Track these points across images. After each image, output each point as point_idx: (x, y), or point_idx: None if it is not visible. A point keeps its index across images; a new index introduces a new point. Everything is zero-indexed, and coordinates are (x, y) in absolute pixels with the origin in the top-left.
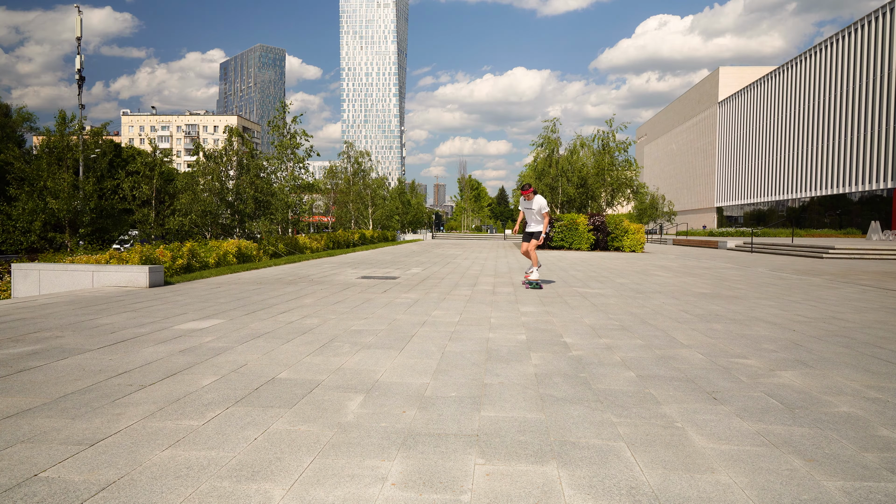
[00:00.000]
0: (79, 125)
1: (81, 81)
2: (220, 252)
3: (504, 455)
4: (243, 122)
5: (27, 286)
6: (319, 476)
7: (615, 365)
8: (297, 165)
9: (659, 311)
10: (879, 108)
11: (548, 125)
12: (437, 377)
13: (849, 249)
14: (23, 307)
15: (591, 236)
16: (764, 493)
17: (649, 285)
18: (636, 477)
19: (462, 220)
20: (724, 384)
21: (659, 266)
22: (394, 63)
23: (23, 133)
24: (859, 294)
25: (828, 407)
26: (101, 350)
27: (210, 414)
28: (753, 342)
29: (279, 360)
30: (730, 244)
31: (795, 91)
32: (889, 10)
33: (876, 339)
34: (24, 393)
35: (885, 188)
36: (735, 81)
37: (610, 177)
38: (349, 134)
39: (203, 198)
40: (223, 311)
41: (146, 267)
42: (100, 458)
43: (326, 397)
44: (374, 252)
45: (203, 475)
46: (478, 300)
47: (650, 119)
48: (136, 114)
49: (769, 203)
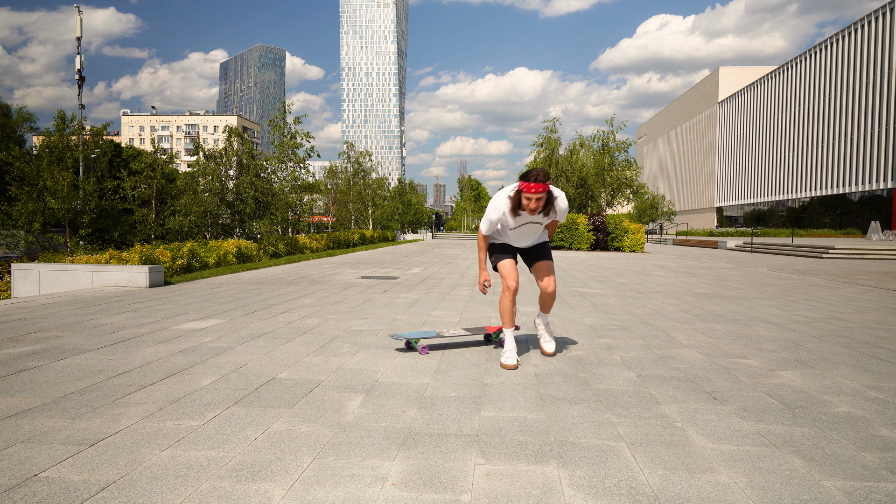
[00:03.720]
0: (78, 125)
1: (81, 81)
2: (220, 252)
3: (504, 455)
4: (243, 122)
5: (27, 286)
6: (319, 476)
7: (615, 365)
8: (298, 166)
9: (659, 311)
10: (879, 108)
11: (548, 125)
12: (437, 377)
13: (849, 249)
14: (23, 307)
15: (590, 236)
16: (764, 493)
17: (649, 285)
18: (636, 477)
19: (462, 220)
20: (724, 384)
21: (659, 266)
22: (394, 63)
23: (23, 133)
24: (859, 294)
25: (828, 407)
26: (101, 350)
27: (210, 414)
28: (753, 342)
29: (279, 360)
30: (730, 244)
31: (795, 91)
32: (889, 10)
33: (876, 339)
34: (24, 393)
35: (885, 188)
36: (735, 81)
37: (610, 177)
38: (349, 134)
39: (203, 198)
40: (223, 311)
41: (146, 267)
42: (100, 458)
43: (326, 397)
44: (374, 252)
45: (203, 475)
46: (478, 300)
47: (650, 119)
48: (136, 114)
49: (769, 203)
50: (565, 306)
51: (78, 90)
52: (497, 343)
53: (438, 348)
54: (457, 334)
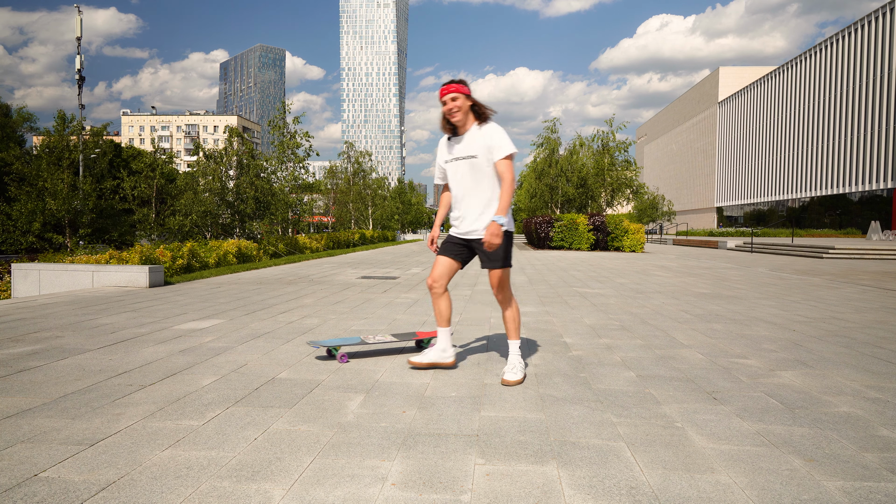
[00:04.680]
0: (78, 125)
1: (81, 82)
2: (220, 252)
3: (504, 455)
4: (243, 122)
5: (27, 286)
6: (319, 476)
7: (615, 365)
8: (298, 165)
9: (659, 310)
10: (879, 108)
11: (548, 125)
12: (436, 377)
13: (849, 249)
14: (23, 307)
15: (591, 236)
16: (764, 493)
17: (649, 285)
18: (636, 477)
19: None
20: (724, 384)
21: (659, 266)
22: (394, 63)
23: (23, 133)
24: (859, 294)
25: (828, 407)
26: (101, 350)
27: (210, 414)
28: (753, 342)
29: (279, 360)
30: (730, 244)
31: (795, 91)
32: (889, 10)
33: (876, 339)
34: (24, 393)
35: (885, 188)
36: (735, 81)
37: (610, 177)
38: (349, 134)
39: (203, 198)
40: (223, 311)
41: (146, 267)
42: (100, 458)
43: (326, 397)
44: (374, 252)
45: (203, 475)
46: (477, 300)
47: (650, 119)
48: (136, 114)
49: (769, 203)
50: (565, 306)
51: (78, 90)
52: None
53: (369, 356)
54: (383, 341)
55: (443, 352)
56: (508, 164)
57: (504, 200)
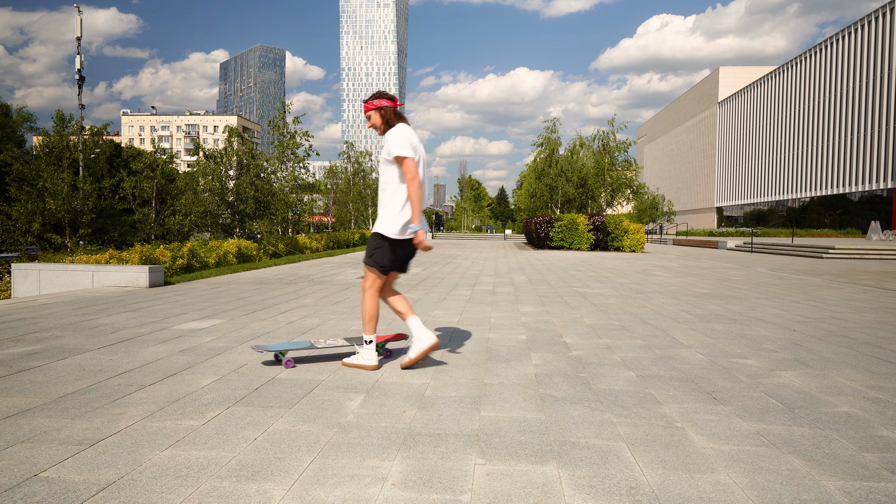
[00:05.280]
0: (78, 125)
1: (81, 81)
2: (220, 252)
3: (504, 455)
4: (243, 122)
5: (27, 286)
6: (319, 476)
7: (615, 365)
8: (298, 165)
9: (659, 310)
10: (879, 108)
11: (548, 125)
12: (436, 377)
13: (849, 249)
14: (23, 307)
15: (591, 236)
16: (764, 493)
17: (649, 285)
18: (636, 477)
19: (462, 220)
20: (724, 384)
21: (659, 266)
22: (394, 63)
23: (23, 133)
24: (859, 294)
25: (828, 407)
26: (101, 350)
27: (210, 414)
28: (753, 342)
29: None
30: (730, 244)
31: (795, 91)
32: (889, 10)
33: (876, 339)
34: (24, 393)
35: (885, 188)
36: (735, 81)
37: (610, 177)
38: (349, 134)
39: (203, 198)
40: (223, 311)
41: (146, 267)
42: (100, 458)
43: (326, 397)
44: None
45: (203, 475)
46: (478, 300)
47: (650, 119)
48: (136, 114)
49: (769, 203)
50: (565, 306)
51: (78, 90)
52: (382, 354)
53: (334, 359)
54: (334, 345)
55: (420, 341)
56: (405, 167)
57: (393, 205)
